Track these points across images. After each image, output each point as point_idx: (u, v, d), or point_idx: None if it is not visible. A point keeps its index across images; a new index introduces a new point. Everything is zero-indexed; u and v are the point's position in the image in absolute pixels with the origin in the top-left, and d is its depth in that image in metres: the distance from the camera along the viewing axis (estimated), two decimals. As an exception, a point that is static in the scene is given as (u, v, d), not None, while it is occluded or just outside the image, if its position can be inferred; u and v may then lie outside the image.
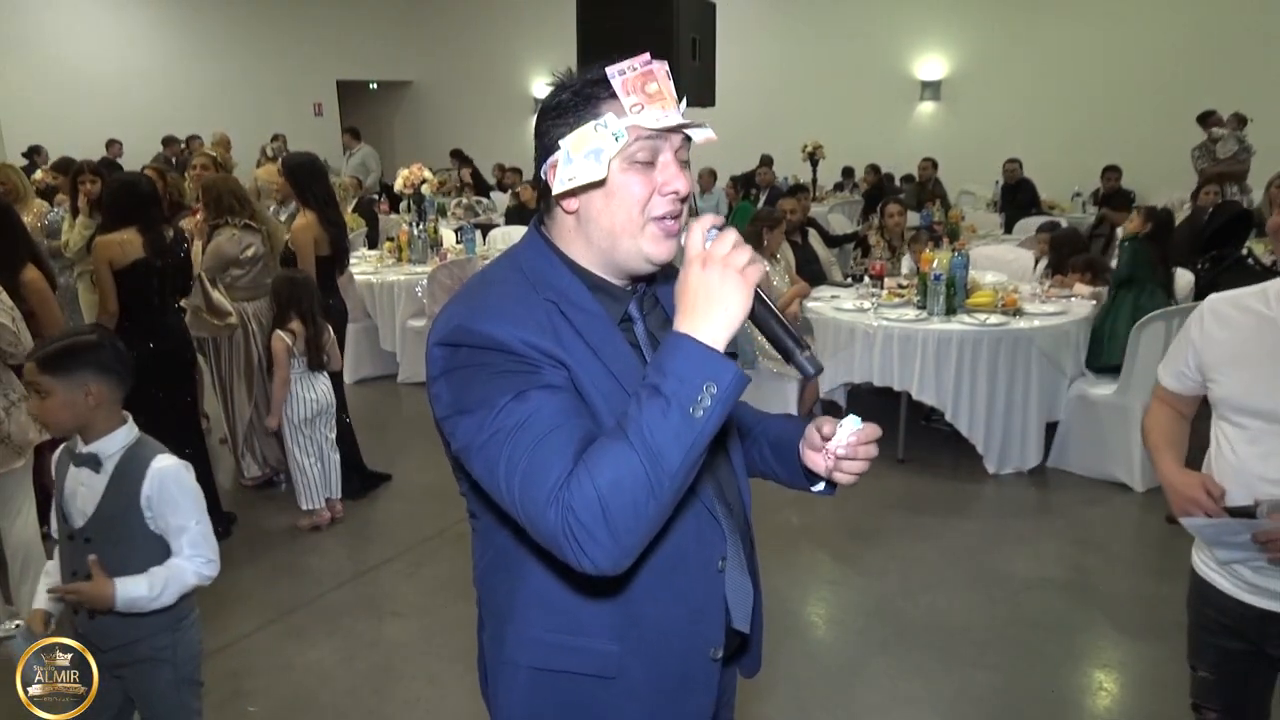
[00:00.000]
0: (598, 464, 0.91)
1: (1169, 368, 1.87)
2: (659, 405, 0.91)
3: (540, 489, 0.93)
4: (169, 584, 1.81)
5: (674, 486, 0.92)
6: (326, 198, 4.04)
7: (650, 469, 0.90)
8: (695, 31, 4.72)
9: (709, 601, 1.18)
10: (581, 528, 0.91)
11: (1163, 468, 1.81)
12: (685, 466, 0.92)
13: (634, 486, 0.90)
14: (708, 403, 0.92)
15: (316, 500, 3.91)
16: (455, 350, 1.03)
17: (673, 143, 1.06)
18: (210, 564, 1.88)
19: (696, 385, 0.92)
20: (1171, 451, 1.83)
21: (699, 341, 0.94)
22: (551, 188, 1.06)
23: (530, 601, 1.15)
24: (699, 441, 0.92)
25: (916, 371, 4.29)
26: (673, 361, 0.93)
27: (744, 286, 0.96)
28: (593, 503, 0.90)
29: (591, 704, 1.16)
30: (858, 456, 1.21)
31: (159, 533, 1.85)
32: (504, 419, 0.97)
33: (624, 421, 0.93)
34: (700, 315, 0.95)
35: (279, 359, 3.73)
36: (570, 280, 1.10)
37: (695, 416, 0.91)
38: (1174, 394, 1.87)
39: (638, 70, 1.02)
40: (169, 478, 1.84)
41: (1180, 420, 1.89)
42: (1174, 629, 3.10)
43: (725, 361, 0.94)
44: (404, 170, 7.01)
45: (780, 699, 2.75)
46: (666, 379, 0.92)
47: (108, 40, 11.30)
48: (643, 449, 0.90)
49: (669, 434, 0.91)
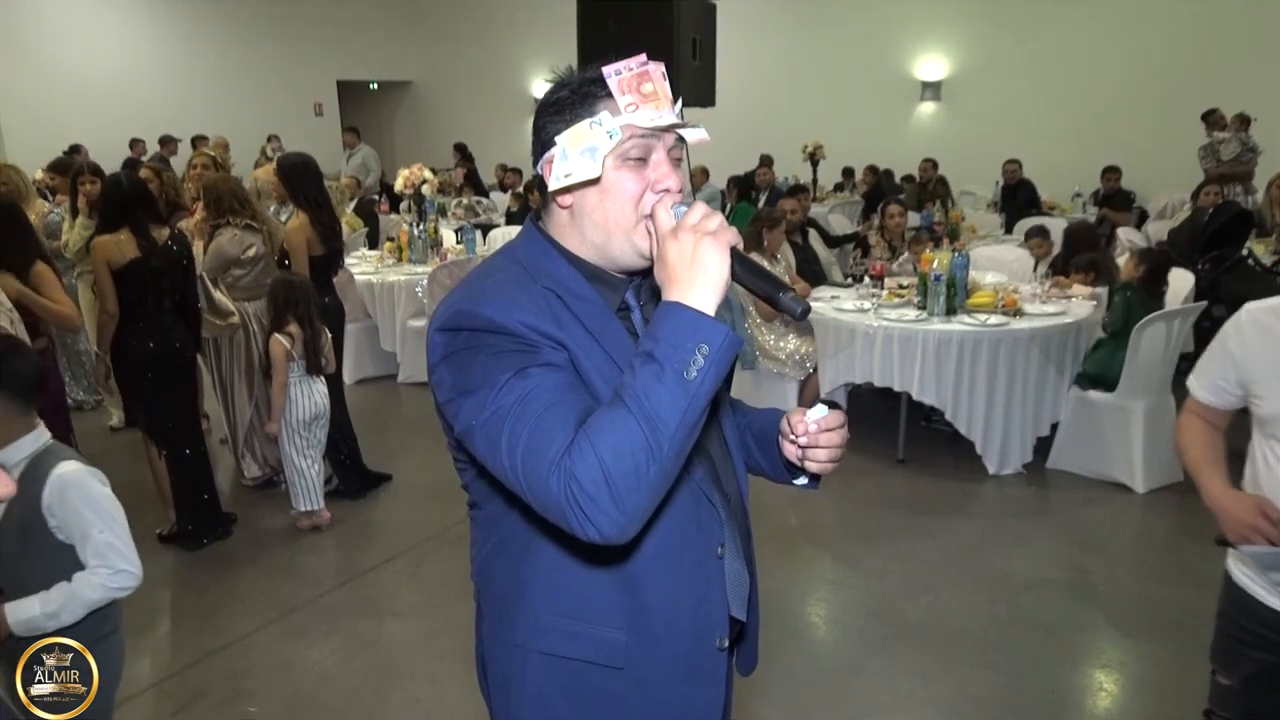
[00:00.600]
0: (597, 431, 0.93)
1: (1203, 380, 1.78)
2: (653, 370, 0.93)
3: (542, 460, 0.94)
4: (67, 602, 1.73)
5: (674, 449, 0.93)
6: (319, 199, 4.03)
7: (649, 432, 0.91)
8: (696, 32, 4.72)
9: (710, 588, 1.19)
10: (585, 495, 0.91)
11: (1211, 489, 1.71)
12: (684, 429, 0.93)
13: (634, 451, 0.91)
14: (701, 363, 0.93)
15: (315, 501, 3.91)
16: (455, 334, 1.05)
17: (666, 141, 1.07)
18: (120, 575, 1.80)
19: (688, 348, 0.93)
20: (1216, 471, 1.73)
21: (688, 306, 0.96)
22: (547, 183, 1.09)
23: (538, 586, 1.16)
24: (695, 404, 0.93)
25: (917, 372, 4.29)
26: (663, 328, 0.95)
27: (719, 247, 0.98)
28: (594, 469, 0.91)
29: (599, 694, 1.17)
30: (819, 444, 1.21)
31: (68, 543, 1.78)
32: (505, 396, 0.98)
33: (621, 390, 0.95)
34: (684, 283, 0.97)
35: (278, 363, 3.73)
36: (567, 270, 1.12)
37: (689, 379, 0.93)
38: (1208, 407, 1.79)
39: (634, 70, 1.04)
40: (70, 485, 1.76)
41: (1216, 434, 1.81)
42: (1174, 629, 3.11)
43: (715, 323, 0.95)
44: (404, 170, 7.02)
45: (780, 699, 2.75)
46: (659, 345, 0.94)
47: (107, 40, 11.30)
48: (640, 413, 0.92)
49: (665, 397, 0.92)
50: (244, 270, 4.11)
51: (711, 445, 1.22)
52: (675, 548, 1.14)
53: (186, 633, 3.22)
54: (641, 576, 1.13)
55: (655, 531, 1.08)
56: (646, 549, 1.11)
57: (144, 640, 3.16)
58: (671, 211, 1.03)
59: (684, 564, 1.15)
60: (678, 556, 1.14)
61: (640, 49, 1.06)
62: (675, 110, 1.06)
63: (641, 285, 1.18)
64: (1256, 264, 5.29)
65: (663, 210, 1.03)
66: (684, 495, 1.13)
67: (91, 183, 4.94)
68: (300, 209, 4.00)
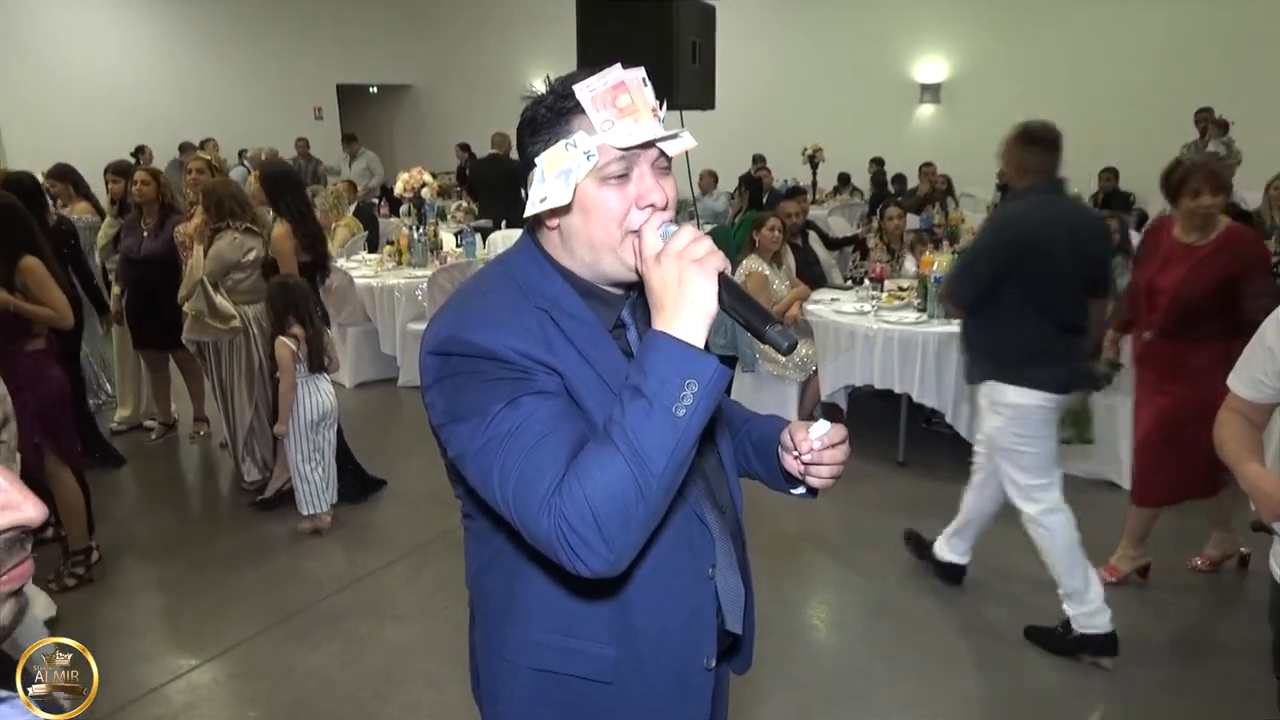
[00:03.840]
0: (586, 470, 0.92)
1: (1242, 375, 1.79)
2: (641, 406, 0.92)
3: (533, 497, 0.93)
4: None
5: (662, 487, 0.93)
6: (301, 208, 4.02)
7: (637, 471, 0.90)
8: (695, 35, 4.73)
9: (701, 609, 1.18)
10: (574, 534, 0.91)
11: (1249, 474, 1.71)
12: (673, 466, 0.92)
13: (623, 490, 0.90)
14: (689, 400, 0.92)
15: (317, 505, 3.90)
16: (447, 359, 1.04)
17: (648, 155, 1.03)
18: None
19: (677, 384, 0.92)
20: (1253, 457, 1.74)
21: (676, 339, 0.94)
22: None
23: (528, 603, 1.15)
24: (684, 441, 0.92)
25: (917, 374, 4.29)
26: (651, 361, 0.93)
27: (705, 276, 0.95)
28: (583, 509, 0.90)
29: (589, 708, 1.17)
30: (823, 461, 1.20)
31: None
32: (497, 426, 0.98)
33: (609, 425, 0.93)
34: (670, 312, 0.95)
35: (285, 365, 3.72)
36: (562, 287, 1.09)
37: (678, 415, 0.91)
38: (1248, 403, 1.79)
39: (608, 85, 0.99)
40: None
41: (1254, 429, 1.81)
42: (1174, 629, 3.11)
43: (704, 357, 0.94)
44: (404, 174, 7.02)
45: (781, 701, 2.75)
46: (647, 379, 0.93)
47: (108, 45, 11.32)
48: (629, 452, 0.91)
49: (653, 435, 0.91)
50: (244, 274, 4.11)
51: (706, 463, 1.21)
52: (666, 571, 1.13)
53: (187, 636, 3.21)
54: (633, 598, 1.12)
55: (647, 556, 1.07)
56: (638, 573, 1.09)
57: (144, 644, 3.16)
58: (659, 233, 0.99)
59: (674, 587, 1.15)
60: (669, 579, 1.14)
61: (640, 52, 1.05)
62: (659, 117, 1.02)
63: (638, 301, 1.16)
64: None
65: (649, 232, 0.99)
66: (677, 519, 1.12)
67: (114, 182, 5.07)
68: (282, 218, 3.99)
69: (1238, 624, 3.19)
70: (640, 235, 1.01)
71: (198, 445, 5.12)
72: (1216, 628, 3.25)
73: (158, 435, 5.16)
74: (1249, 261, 2.97)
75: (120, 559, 3.72)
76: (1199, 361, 2.95)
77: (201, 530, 4.03)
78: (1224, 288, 2.94)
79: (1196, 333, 3.01)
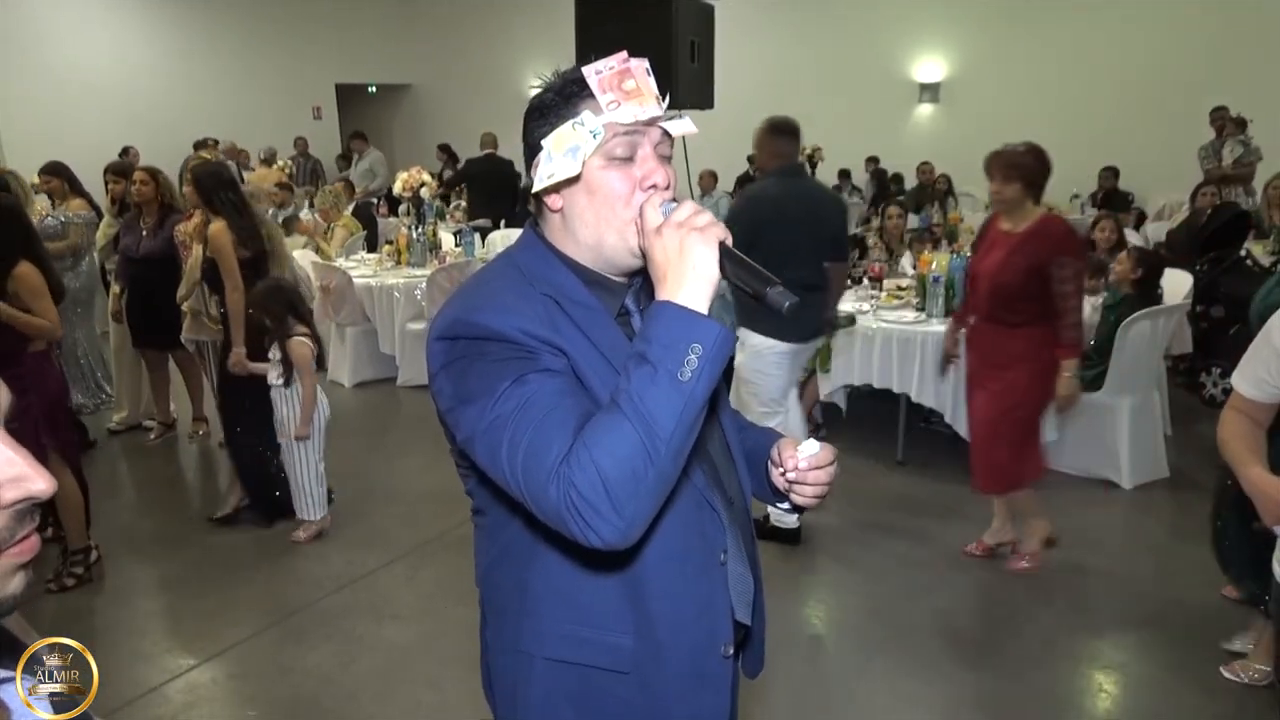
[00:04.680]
0: (594, 437, 0.92)
1: (1246, 374, 1.79)
2: (646, 372, 0.92)
3: (541, 468, 0.94)
4: None
5: (671, 452, 0.93)
6: (236, 205, 3.92)
7: (645, 437, 0.91)
8: (694, 34, 4.72)
9: (715, 596, 1.18)
10: (584, 501, 0.91)
11: (1252, 476, 1.72)
12: (680, 431, 0.93)
13: (631, 456, 0.91)
14: (695, 364, 0.92)
15: (317, 510, 3.88)
16: (454, 343, 1.05)
17: (652, 137, 1.06)
18: None
19: (681, 349, 0.92)
20: (1256, 458, 1.74)
21: (679, 305, 0.95)
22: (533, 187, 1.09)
23: (541, 594, 1.15)
24: (690, 405, 0.93)
25: (916, 373, 4.29)
26: (655, 328, 0.94)
27: (706, 244, 0.97)
28: (592, 475, 0.91)
29: (606, 698, 1.16)
30: (806, 481, 1.21)
31: None
32: (504, 404, 0.98)
33: (616, 394, 0.94)
34: (674, 281, 0.96)
35: (306, 365, 3.64)
36: (566, 275, 1.11)
37: (683, 380, 0.92)
38: (1251, 402, 1.79)
39: (614, 68, 1.02)
40: None
41: (1257, 429, 1.81)
42: (1173, 629, 3.11)
43: (708, 322, 0.94)
44: (403, 173, 7.02)
45: (779, 701, 2.75)
46: (651, 346, 0.93)
47: (106, 44, 11.30)
48: (635, 417, 0.91)
49: (659, 400, 0.91)
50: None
51: (712, 446, 1.21)
52: (678, 555, 1.13)
53: (186, 636, 3.21)
54: (646, 584, 1.12)
55: (658, 538, 1.07)
56: (650, 556, 1.10)
57: (144, 644, 3.16)
58: (660, 209, 1.02)
59: (687, 571, 1.15)
60: (681, 563, 1.14)
61: (639, 52, 1.05)
62: (661, 106, 1.05)
63: (641, 289, 1.18)
64: (1255, 265, 5.30)
65: (650, 208, 1.02)
66: (685, 501, 1.12)
67: (115, 182, 5.05)
68: (216, 214, 3.91)
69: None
70: (642, 212, 1.03)
71: (197, 445, 5.12)
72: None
73: (157, 435, 5.16)
74: (1055, 246, 3.07)
75: (120, 559, 3.72)
76: (1017, 347, 3.15)
77: (201, 530, 4.03)
78: (1034, 273, 3.08)
79: (1013, 319, 3.16)
